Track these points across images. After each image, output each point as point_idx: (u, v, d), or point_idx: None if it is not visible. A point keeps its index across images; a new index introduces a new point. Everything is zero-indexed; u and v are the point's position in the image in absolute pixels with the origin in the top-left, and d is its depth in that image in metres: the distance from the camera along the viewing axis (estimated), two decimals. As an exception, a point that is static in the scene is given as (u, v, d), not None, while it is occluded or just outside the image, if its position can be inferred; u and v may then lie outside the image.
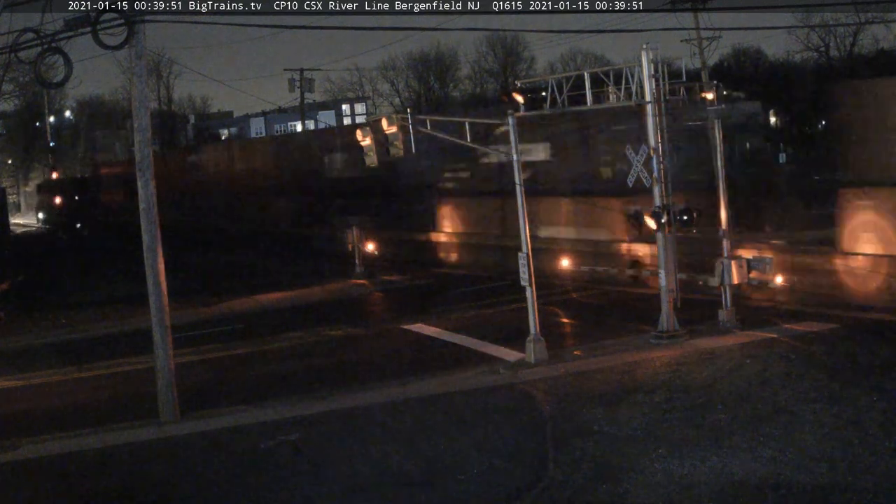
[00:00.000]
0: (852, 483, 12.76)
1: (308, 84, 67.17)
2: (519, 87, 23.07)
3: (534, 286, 21.10)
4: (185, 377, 19.91)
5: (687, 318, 22.37)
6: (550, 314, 25.73)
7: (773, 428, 15.03)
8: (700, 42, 43.51)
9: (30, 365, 25.31)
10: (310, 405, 19.04)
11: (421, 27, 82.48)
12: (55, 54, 17.36)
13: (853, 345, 19.87)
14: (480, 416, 17.32)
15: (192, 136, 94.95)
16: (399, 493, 13.84)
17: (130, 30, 17.63)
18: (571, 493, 13.34)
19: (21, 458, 17.02)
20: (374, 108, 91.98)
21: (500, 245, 34.34)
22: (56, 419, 19.54)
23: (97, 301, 34.38)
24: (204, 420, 18.55)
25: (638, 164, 21.68)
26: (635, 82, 21.43)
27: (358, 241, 36.87)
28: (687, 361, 19.57)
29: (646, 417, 16.18)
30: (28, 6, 18.18)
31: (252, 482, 14.80)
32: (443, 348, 23.77)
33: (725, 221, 23.21)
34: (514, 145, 21.27)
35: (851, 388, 16.69)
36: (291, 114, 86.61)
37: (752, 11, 30.40)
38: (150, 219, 18.46)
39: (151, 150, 18.72)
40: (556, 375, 19.62)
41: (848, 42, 63.78)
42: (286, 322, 28.74)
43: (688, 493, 12.89)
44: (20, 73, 38.38)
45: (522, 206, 21.45)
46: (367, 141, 22.95)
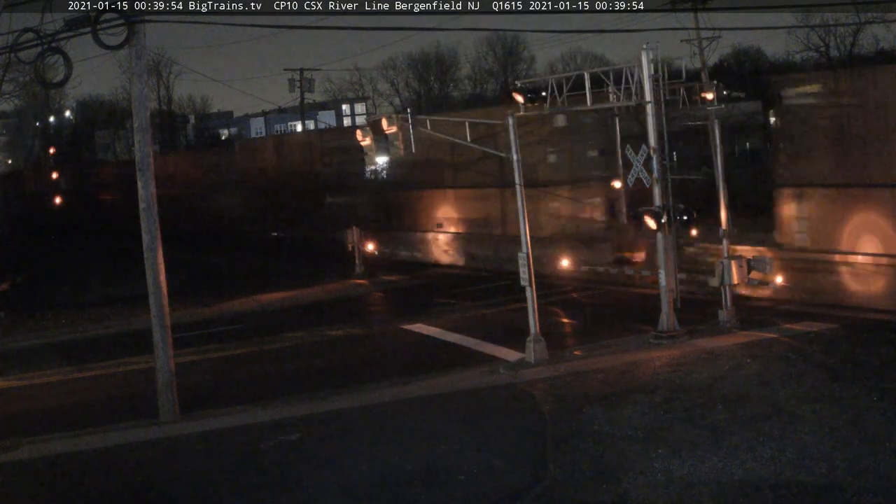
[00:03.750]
0: (852, 483, 12.76)
1: (308, 84, 67.17)
2: (519, 86, 23.07)
3: (534, 286, 21.10)
4: (185, 377, 19.92)
5: (687, 318, 22.39)
6: (550, 314, 25.74)
7: (773, 428, 15.02)
8: (700, 42, 43.41)
9: (30, 365, 25.31)
10: (310, 405, 19.04)
11: (421, 27, 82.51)
12: (55, 54, 17.34)
13: (853, 345, 19.88)
14: (480, 416, 17.32)
15: (193, 137, 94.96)
16: (399, 493, 13.83)
17: (130, 30, 17.63)
18: (571, 493, 13.33)
19: (21, 458, 17.01)
20: (374, 108, 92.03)
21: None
22: (56, 419, 19.54)
23: (97, 301, 34.40)
24: (204, 420, 18.55)
25: (638, 164, 21.69)
26: (635, 82, 21.45)
27: (358, 241, 36.89)
28: (687, 361, 19.57)
29: (646, 417, 16.18)
30: (28, 6, 18.16)
31: (252, 482, 14.79)
32: (443, 348, 23.78)
33: (725, 221, 23.22)
34: (514, 145, 21.27)
35: (851, 388, 16.70)
36: (291, 114, 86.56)
37: (752, 11, 30.42)
38: (150, 219, 18.46)
39: (151, 150, 18.73)
40: (556, 375, 19.62)
41: (848, 42, 63.80)
42: (286, 322, 28.75)
43: (688, 493, 12.88)
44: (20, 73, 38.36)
45: (522, 206, 21.44)
46: (367, 141, 22.95)
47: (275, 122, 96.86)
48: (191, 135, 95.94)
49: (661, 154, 21.60)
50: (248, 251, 46.91)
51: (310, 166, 49.20)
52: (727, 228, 23.28)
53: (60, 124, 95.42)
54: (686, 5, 40.41)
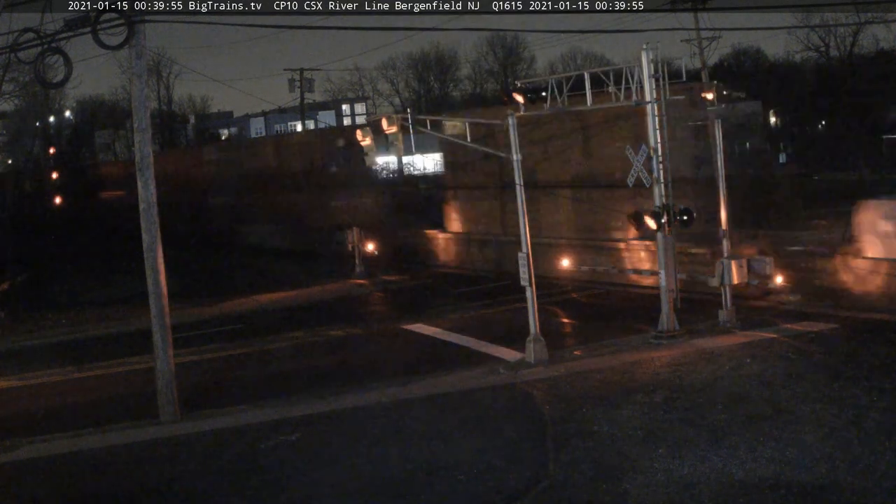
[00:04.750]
0: (852, 483, 12.75)
1: (308, 84, 67.15)
2: (519, 87, 23.06)
3: (534, 286, 21.09)
4: (185, 377, 19.91)
5: (687, 318, 22.39)
6: (550, 314, 25.74)
7: (773, 428, 15.03)
8: (700, 42, 43.48)
9: (30, 365, 25.31)
10: (310, 405, 19.04)
11: (421, 27, 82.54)
12: (55, 54, 17.34)
13: (853, 345, 19.89)
14: (480, 416, 17.32)
15: (193, 137, 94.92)
16: (399, 494, 13.83)
17: (130, 30, 17.63)
18: (571, 493, 13.33)
19: (21, 458, 17.01)
20: (374, 108, 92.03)
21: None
22: (56, 419, 19.54)
23: (97, 301, 34.39)
24: (204, 420, 18.54)
25: (638, 164, 21.68)
26: (635, 82, 21.44)
27: (358, 241, 36.89)
28: (687, 361, 19.58)
29: (646, 417, 16.18)
30: (28, 6, 18.14)
31: (252, 482, 14.79)
32: (443, 348, 23.77)
33: (725, 221, 23.22)
34: (514, 145, 21.27)
35: (851, 388, 16.70)
36: (291, 114, 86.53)
37: (752, 11, 30.46)
38: (150, 219, 18.45)
39: (151, 149, 18.73)
40: (556, 375, 19.62)
41: (848, 42, 63.70)
42: (286, 322, 28.76)
43: (688, 493, 12.88)
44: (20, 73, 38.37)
45: (522, 206, 21.44)
46: (367, 141, 22.95)
47: (275, 122, 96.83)
48: (191, 135, 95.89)
49: (662, 154, 21.59)
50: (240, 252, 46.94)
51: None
52: (727, 228, 23.28)
53: (60, 124, 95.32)
54: (686, 5, 40.45)
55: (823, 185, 46.96)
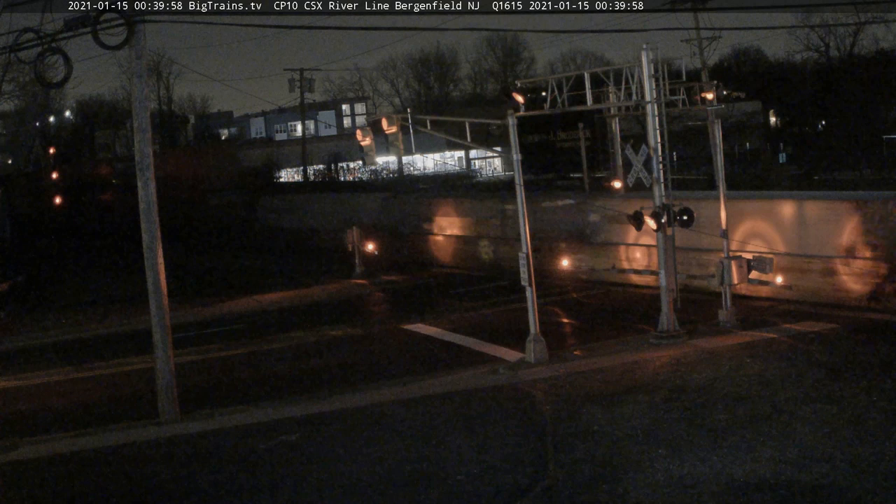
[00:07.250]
0: (853, 483, 12.75)
1: (308, 84, 67.18)
2: (519, 87, 23.06)
3: (534, 286, 21.09)
4: (185, 377, 19.92)
5: (687, 318, 22.38)
6: (550, 314, 25.74)
7: (773, 428, 15.02)
8: (700, 42, 43.47)
9: (30, 365, 25.31)
10: (310, 405, 19.04)
11: (421, 27, 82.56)
12: (55, 54, 17.34)
13: (853, 345, 19.89)
14: (480, 417, 17.31)
15: (193, 136, 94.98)
16: (399, 494, 13.82)
17: (130, 30, 17.63)
18: (571, 493, 13.32)
19: (21, 458, 17.01)
20: (374, 108, 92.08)
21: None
22: (56, 419, 19.55)
23: (97, 301, 34.39)
24: (204, 420, 18.54)
25: (638, 163, 21.68)
26: (635, 82, 21.44)
27: (358, 241, 36.87)
28: (687, 361, 19.57)
29: (646, 417, 16.18)
30: (28, 6, 18.16)
31: (251, 482, 14.79)
32: (442, 348, 23.77)
33: (725, 221, 23.21)
34: (514, 145, 21.26)
35: (851, 388, 16.70)
36: (291, 114, 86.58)
37: (752, 11, 30.43)
38: (150, 219, 18.45)
39: (151, 149, 18.73)
40: (556, 375, 19.61)
41: (848, 42, 63.76)
42: (286, 322, 28.75)
43: (688, 493, 12.87)
44: (20, 73, 38.39)
45: (522, 206, 21.44)
46: (367, 141, 22.93)
47: (275, 122, 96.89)
48: (190, 135, 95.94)
49: (662, 154, 21.58)
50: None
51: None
52: (727, 228, 23.26)
53: (60, 124, 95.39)
54: (686, 5, 40.44)
55: (823, 185, 46.93)
